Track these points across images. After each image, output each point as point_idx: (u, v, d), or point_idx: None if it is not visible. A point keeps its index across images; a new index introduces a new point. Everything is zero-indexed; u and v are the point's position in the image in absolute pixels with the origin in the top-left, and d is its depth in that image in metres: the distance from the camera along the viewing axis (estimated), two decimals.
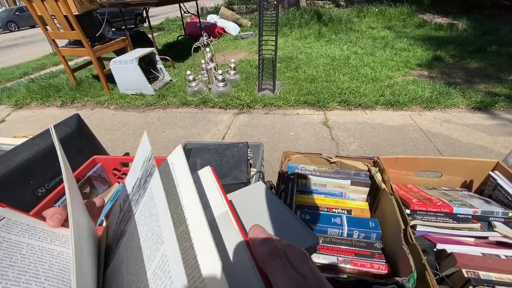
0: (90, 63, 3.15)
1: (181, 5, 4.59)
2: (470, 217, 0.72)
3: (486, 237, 0.69)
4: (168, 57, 3.68)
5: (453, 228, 0.71)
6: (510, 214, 0.70)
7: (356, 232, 0.68)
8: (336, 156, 0.89)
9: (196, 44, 2.83)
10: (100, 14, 3.12)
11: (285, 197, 0.75)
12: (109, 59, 2.91)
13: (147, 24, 3.95)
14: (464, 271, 0.58)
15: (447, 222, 0.72)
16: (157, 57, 3.10)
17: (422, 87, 2.64)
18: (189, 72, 2.64)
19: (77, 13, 2.50)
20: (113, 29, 7.98)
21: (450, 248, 0.65)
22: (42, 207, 0.85)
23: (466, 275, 0.57)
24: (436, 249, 0.66)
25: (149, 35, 3.91)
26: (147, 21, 3.82)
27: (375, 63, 3.35)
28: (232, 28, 5.55)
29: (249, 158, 1.04)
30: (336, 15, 5.72)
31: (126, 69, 2.75)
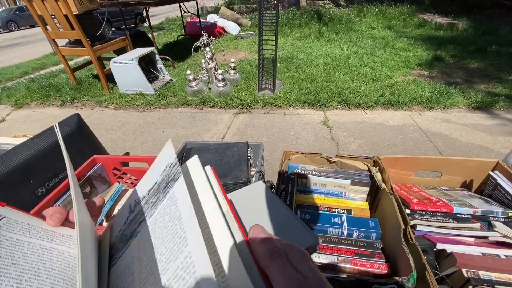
0: (90, 62, 3.15)
1: (181, 4, 4.59)
2: (470, 217, 0.72)
3: (486, 237, 0.69)
4: (168, 57, 3.68)
5: (453, 228, 0.71)
6: (510, 214, 0.70)
7: (356, 232, 0.68)
8: (336, 155, 0.89)
9: (196, 43, 2.83)
10: (100, 13, 3.13)
11: (285, 196, 0.75)
12: (109, 58, 2.92)
13: (147, 23, 3.95)
14: (464, 270, 0.58)
15: (447, 222, 0.72)
16: (157, 57, 3.10)
17: (422, 87, 2.64)
18: (189, 72, 2.64)
19: (77, 12, 2.50)
20: (113, 28, 7.97)
21: (450, 248, 0.65)
22: (42, 206, 0.85)
23: (466, 274, 0.57)
24: (436, 249, 0.66)
25: (149, 35, 3.91)
26: (147, 20, 3.82)
27: (375, 63, 3.35)
28: (232, 28, 5.55)
29: (249, 157, 1.04)
30: (336, 15, 5.72)
31: (126, 68, 2.75)
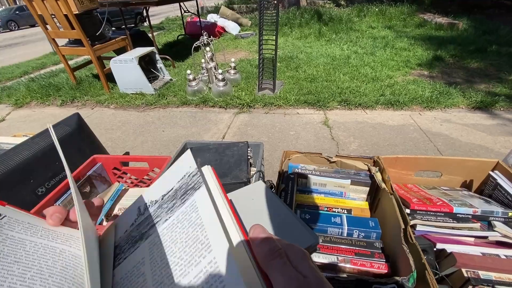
0: (90, 62, 3.14)
1: (181, 4, 4.59)
2: (470, 216, 0.72)
3: (486, 237, 0.69)
4: (168, 57, 3.68)
5: (453, 228, 0.71)
6: (510, 214, 0.70)
7: (356, 232, 0.68)
8: (336, 155, 0.89)
9: (196, 43, 2.83)
10: (100, 13, 3.12)
11: (285, 196, 0.75)
12: (109, 58, 2.91)
13: (147, 23, 3.95)
14: (463, 270, 0.58)
15: (447, 222, 0.72)
16: (157, 57, 3.10)
17: (422, 87, 2.64)
18: (189, 72, 2.64)
19: (77, 12, 2.50)
20: (113, 28, 7.96)
21: (450, 248, 0.65)
22: (42, 206, 0.85)
23: (465, 274, 0.57)
24: (436, 249, 0.66)
25: (149, 34, 3.91)
26: (147, 20, 3.82)
27: (375, 62, 3.35)
28: (232, 28, 5.55)
29: (249, 157, 1.04)
30: (336, 15, 5.71)
31: (126, 68, 2.75)
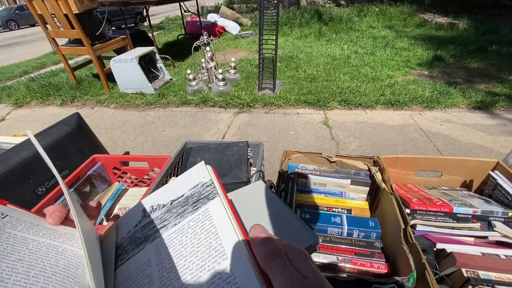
0: (90, 62, 3.14)
1: (181, 4, 4.58)
2: (470, 216, 0.72)
3: (486, 237, 0.69)
4: (168, 56, 3.67)
5: (453, 228, 0.71)
6: (510, 214, 0.70)
7: (356, 232, 0.68)
8: (336, 155, 0.89)
9: (196, 43, 2.82)
10: (100, 12, 3.12)
11: (285, 196, 0.75)
12: (109, 58, 2.91)
13: (147, 23, 3.95)
14: (463, 270, 0.58)
15: (447, 222, 0.72)
16: (157, 56, 3.10)
17: (422, 87, 2.64)
18: (189, 71, 2.63)
19: (77, 11, 2.49)
20: (113, 28, 7.95)
21: (449, 248, 0.65)
22: (42, 205, 0.85)
23: (465, 274, 0.57)
24: (435, 249, 0.66)
25: (149, 34, 3.91)
26: (147, 20, 3.82)
27: (375, 62, 3.34)
28: (233, 27, 5.54)
29: (249, 157, 1.04)
30: (336, 15, 5.71)
31: (126, 68, 2.75)
